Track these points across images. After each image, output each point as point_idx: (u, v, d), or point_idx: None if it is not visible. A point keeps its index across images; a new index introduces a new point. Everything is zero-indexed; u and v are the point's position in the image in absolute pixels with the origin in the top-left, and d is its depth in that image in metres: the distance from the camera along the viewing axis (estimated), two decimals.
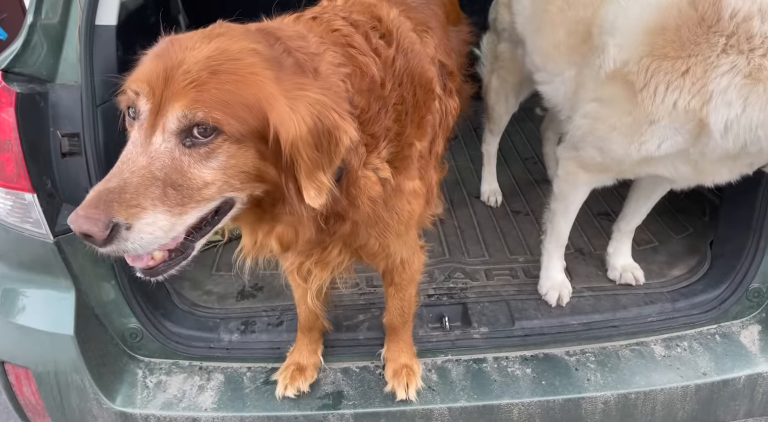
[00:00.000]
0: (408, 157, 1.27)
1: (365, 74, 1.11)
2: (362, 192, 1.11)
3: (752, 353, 1.62)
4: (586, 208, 2.31)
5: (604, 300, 1.82)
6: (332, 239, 1.20)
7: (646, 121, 1.41)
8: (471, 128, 2.91)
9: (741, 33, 1.26)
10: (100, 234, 0.85)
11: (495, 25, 2.21)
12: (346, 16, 1.22)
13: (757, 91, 1.26)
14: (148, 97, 0.92)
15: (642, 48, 1.39)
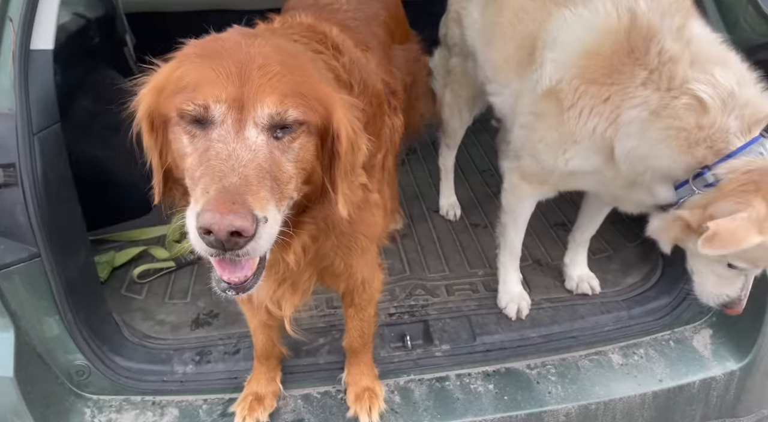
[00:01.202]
0: (372, 167, 1.28)
1: (340, 78, 1.11)
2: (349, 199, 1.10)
3: (705, 357, 1.66)
4: (543, 218, 2.36)
5: (562, 310, 1.84)
6: (305, 261, 1.18)
7: (570, 139, 1.47)
8: (429, 142, 2.92)
9: (664, 71, 1.32)
10: (250, 229, 0.80)
11: (446, 40, 2.24)
12: (294, 32, 1.21)
13: (654, 127, 1.34)
14: (225, 100, 0.87)
15: (575, 69, 1.44)
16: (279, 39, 1.01)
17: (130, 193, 2.11)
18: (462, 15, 2.04)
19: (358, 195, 1.13)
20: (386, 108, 1.39)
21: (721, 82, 1.28)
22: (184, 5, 2.92)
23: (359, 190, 1.14)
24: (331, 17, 1.58)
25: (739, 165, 1.26)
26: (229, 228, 0.79)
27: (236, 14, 2.78)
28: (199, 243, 0.83)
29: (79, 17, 2.16)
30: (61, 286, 1.43)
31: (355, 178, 1.04)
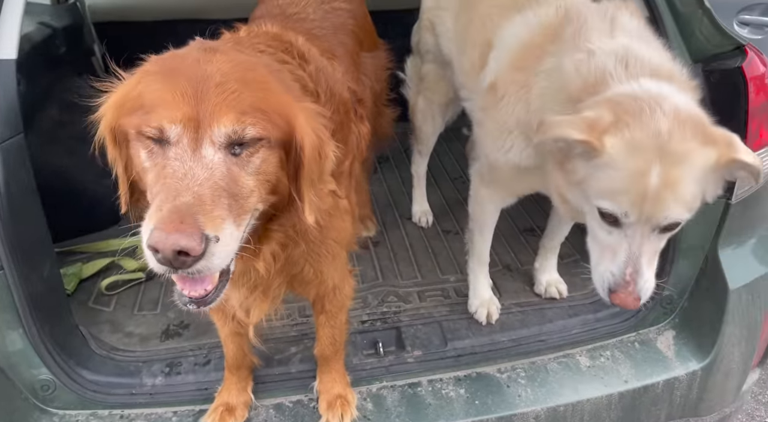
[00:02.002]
0: (341, 173, 1.29)
1: (306, 87, 1.12)
2: (321, 199, 1.10)
3: (668, 358, 1.71)
4: (512, 224, 2.40)
5: (531, 315, 1.88)
6: (275, 268, 1.18)
7: (505, 128, 1.51)
8: (401, 150, 2.95)
9: (576, 42, 1.35)
10: (198, 249, 0.80)
11: (418, 47, 2.27)
12: (259, 42, 1.22)
13: (550, 91, 1.36)
14: (181, 121, 0.88)
15: (509, 61, 1.50)
16: (240, 52, 1.01)
17: (99, 203, 2.09)
18: (435, 23, 2.08)
19: (327, 202, 1.14)
20: (353, 116, 1.40)
21: (618, 40, 1.32)
22: (153, 15, 2.91)
23: (328, 196, 1.15)
24: (297, 26, 1.60)
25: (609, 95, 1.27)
26: (174, 248, 0.80)
27: (205, 24, 2.77)
28: (152, 261, 0.84)
29: (44, 26, 2.14)
30: (24, 299, 1.40)
31: (324, 185, 1.05)
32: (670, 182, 1.15)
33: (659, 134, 1.16)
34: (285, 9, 1.72)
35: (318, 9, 1.75)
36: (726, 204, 1.67)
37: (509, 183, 1.71)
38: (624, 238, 1.23)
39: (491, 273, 2.01)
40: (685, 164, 1.16)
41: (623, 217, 1.20)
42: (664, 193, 1.16)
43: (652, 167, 1.15)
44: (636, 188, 1.17)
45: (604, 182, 1.20)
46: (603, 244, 1.28)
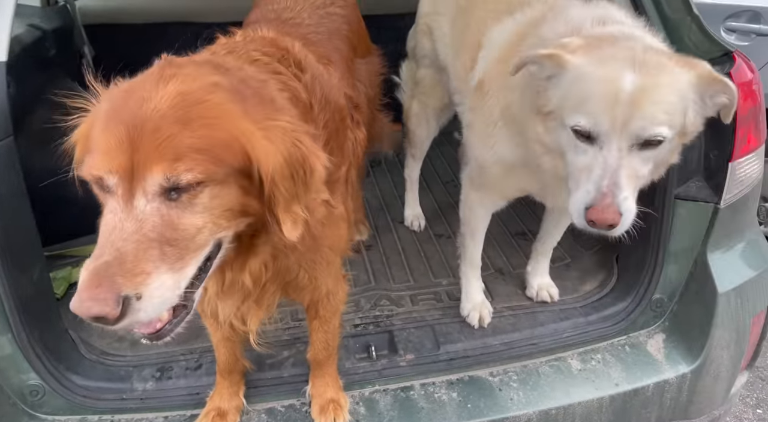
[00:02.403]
0: (336, 181, 1.28)
1: (299, 99, 1.11)
2: (312, 214, 1.09)
3: (658, 361, 1.72)
4: (504, 228, 2.41)
5: (523, 318, 1.88)
6: (266, 278, 1.17)
7: (491, 123, 1.53)
8: (393, 154, 2.96)
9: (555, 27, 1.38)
10: (112, 314, 0.80)
11: (414, 52, 2.28)
12: (254, 49, 1.22)
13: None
14: (116, 171, 0.86)
15: (495, 56, 1.52)
16: (205, 73, 0.96)
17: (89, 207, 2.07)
18: (433, 28, 2.10)
19: (320, 211, 1.13)
20: (349, 122, 1.40)
21: (597, 11, 1.38)
22: (144, 17, 2.89)
23: (321, 206, 1.14)
24: (293, 31, 1.60)
25: None
26: (89, 315, 0.81)
27: (197, 27, 2.79)
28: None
29: (34, 29, 2.12)
30: (13, 304, 1.39)
31: (313, 197, 1.03)
32: (646, 87, 1.12)
33: (632, 50, 1.15)
34: (280, 13, 1.72)
35: (313, 14, 1.75)
36: (715, 208, 1.69)
37: (498, 184, 1.72)
38: (599, 153, 1.16)
39: (483, 276, 2.02)
40: (662, 74, 1.14)
41: (595, 128, 1.15)
42: (640, 96, 1.12)
43: (624, 74, 1.12)
44: (607, 93, 1.13)
45: (574, 96, 1.17)
46: (580, 168, 1.19)
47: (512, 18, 1.57)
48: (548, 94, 1.25)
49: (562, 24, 1.38)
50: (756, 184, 1.76)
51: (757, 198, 1.84)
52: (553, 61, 1.21)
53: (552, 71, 1.22)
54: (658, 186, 1.75)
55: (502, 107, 1.50)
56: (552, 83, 1.24)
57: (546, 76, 1.25)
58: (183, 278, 0.89)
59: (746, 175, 1.71)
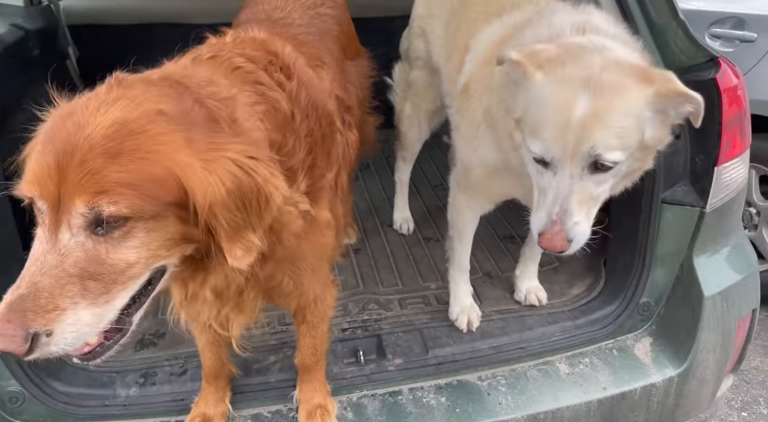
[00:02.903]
0: (321, 188, 1.26)
1: (278, 110, 1.09)
2: (285, 227, 1.07)
3: (645, 365, 1.73)
4: (492, 232, 2.42)
5: (511, 322, 1.88)
6: (249, 283, 1.15)
7: (474, 124, 1.53)
8: (383, 157, 2.95)
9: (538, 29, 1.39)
10: (20, 350, 0.80)
11: (407, 54, 2.28)
12: (242, 52, 1.19)
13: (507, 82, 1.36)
14: (44, 198, 0.85)
15: (481, 59, 1.53)
16: (153, 99, 0.91)
17: None
18: (427, 31, 2.09)
19: (297, 224, 1.10)
20: (338, 126, 1.38)
21: (580, 16, 1.38)
22: (129, 18, 2.86)
23: (299, 219, 1.11)
24: (284, 32, 1.58)
25: None
26: None
27: (183, 28, 2.76)
28: None
29: (17, 28, 2.08)
30: None
31: (294, 208, 1.00)
32: (598, 112, 1.13)
33: (591, 69, 1.16)
34: (271, 14, 1.71)
35: (304, 14, 1.74)
36: (700, 212, 1.70)
37: (483, 187, 1.72)
38: (553, 178, 1.19)
39: (472, 280, 2.01)
40: (616, 96, 1.15)
41: (547, 155, 1.17)
42: (591, 122, 1.13)
43: (578, 98, 1.13)
44: (559, 120, 1.15)
45: (532, 118, 1.19)
46: (540, 187, 1.24)
47: (500, 20, 1.57)
48: (516, 100, 1.26)
49: (545, 28, 1.38)
50: (741, 188, 1.78)
51: (742, 202, 1.85)
52: (520, 69, 1.21)
53: (519, 78, 1.22)
54: (645, 190, 1.76)
55: (485, 109, 1.50)
56: (520, 90, 1.23)
57: (514, 80, 1.25)
58: (109, 310, 0.88)
59: (732, 179, 1.72)
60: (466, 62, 1.61)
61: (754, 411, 2.54)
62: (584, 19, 1.37)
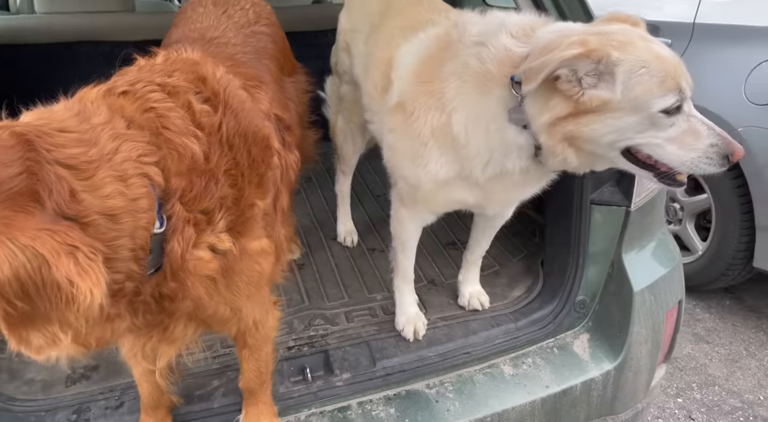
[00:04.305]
0: (251, 218, 1.22)
1: (183, 155, 1.03)
2: (192, 274, 1.04)
3: (584, 360, 1.80)
4: (436, 239, 2.45)
5: (456, 328, 1.91)
6: (172, 319, 1.11)
7: (419, 142, 1.55)
8: (324, 170, 2.94)
9: (465, 41, 1.45)
10: None
11: (336, 68, 2.29)
12: (163, 82, 1.13)
13: (465, 87, 1.43)
14: None
15: (412, 78, 1.55)
16: None
17: None
18: (351, 45, 2.11)
19: (209, 267, 1.06)
20: (276, 148, 1.35)
21: (488, 18, 1.46)
22: (51, 37, 2.72)
23: (212, 262, 1.06)
24: (220, 52, 1.55)
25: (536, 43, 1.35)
26: None
27: (109, 46, 2.67)
28: None
29: None
30: None
31: (73, 329, 0.84)
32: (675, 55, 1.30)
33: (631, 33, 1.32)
34: (204, 33, 1.67)
35: (239, 33, 1.71)
36: (626, 211, 1.80)
37: (432, 201, 1.73)
38: (690, 117, 1.29)
39: (417, 288, 2.03)
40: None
41: (681, 94, 1.27)
42: (679, 61, 1.29)
43: (661, 47, 1.28)
44: (670, 64, 1.26)
45: (642, 81, 1.24)
46: (674, 139, 1.29)
47: (418, 37, 1.61)
48: (591, 96, 1.27)
49: (478, 49, 1.42)
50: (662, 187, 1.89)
51: (663, 199, 1.97)
52: (595, 57, 1.25)
53: (592, 71, 1.26)
54: (575, 192, 1.84)
55: (433, 128, 1.51)
56: (595, 81, 1.27)
57: (584, 78, 1.27)
58: None
59: None
60: (395, 80, 1.63)
61: (689, 397, 2.69)
62: (496, 21, 1.43)
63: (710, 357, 2.93)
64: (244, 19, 1.73)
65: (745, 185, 2.89)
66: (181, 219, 0.98)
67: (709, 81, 2.99)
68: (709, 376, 2.81)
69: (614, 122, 1.28)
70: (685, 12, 3.28)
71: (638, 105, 1.26)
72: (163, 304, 1.03)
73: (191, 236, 1.01)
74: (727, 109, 2.88)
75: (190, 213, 1.01)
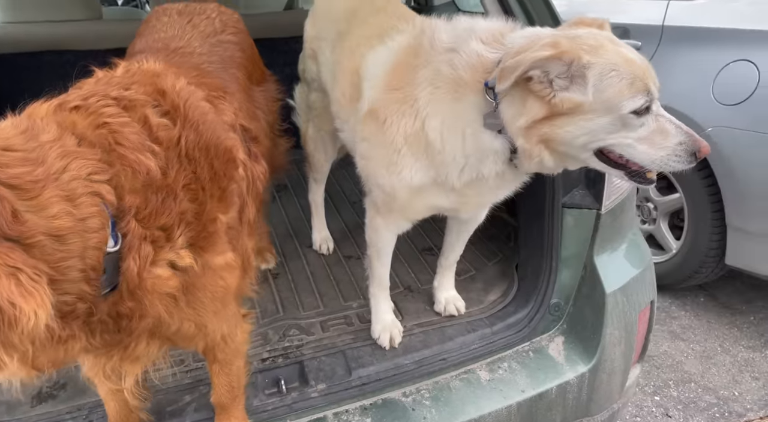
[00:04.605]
0: (213, 232, 1.19)
1: (138, 171, 1.00)
2: (150, 292, 1.01)
3: (559, 363, 1.80)
4: (412, 245, 2.45)
5: (432, 334, 1.90)
6: (132, 337, 1.08)
7: (393, 150, 1.55)
8: (300, 177, 2.92)
9: (433, 51, 1.46)
10: None
11: (305, 76, 2.28)
12: (119, 96, 1.10)
13: (438, 93, 1.44)
14: None
15: (383, 85, 1.55)
16: None
17: None
18: (317, 53, 2.10)
19: (168, 285, 1.04)
20: (241, 160, 1.33)
21: (457, 25, 1.47)
22: (12, 46, 2.65)
23: (169, 280, 1.03)
24: (185, 62, 1.52)
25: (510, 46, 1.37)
26: None
27: (73, 55, 2.61)
28: None
29: None
30: None
31: (19, 352, 0.82)
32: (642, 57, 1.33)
33: (600, 37, 1.34)
34: (168, 43, 1.64)
35: (204, 42, 1.69)
36: (597, 214, 1.81)
37: (408, 208, 1.72)
38: (659, 117, 1.32)
39: (393, 295, 2.02)
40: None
41: (649, 95, 1.29)
42: (647, 64, 1.32)
43: (630, 51, 1.30)
44: (638, 66, 1.28)
45: (613, 84, 1.27)
46: (644, 139, 1.32)
47: (385, 45, 1.61)
48: (563, 98, 1.29)
49: (450, 55, 1.42)
50: (632, 189, 1.91)
51: (633, 201, 1.99)
52: (566, 60, 1.26)
53: (562, 73, 1.28)
54: (547, 195, 1.86)
55: (406, 135, 1.51)
56: (565, 83, 1.28)
57: (555, 80, 1.29)
58: None
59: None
60: (365, 90, 1.62)
61: (666, 394, 2.72)
62: (465, 27, 1.45)
63: (686, 355, 2.97)
64: (210, 28, 1.71)
65: (715, 184, 2.94)
66: (137, 236, 0.95)
67: (678, 82, 3.05)
68: (685, 373, 2.84)
69: (587, 124, 1.31)
70: (654, 15, 3.34)
71: (610, 107, 1.29)
72: (121, 323, 1.00)
73: (149, 253, 0.98)
74: (696, 110, 2.93)
75: (147, 230, 0.98)
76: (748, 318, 3.24)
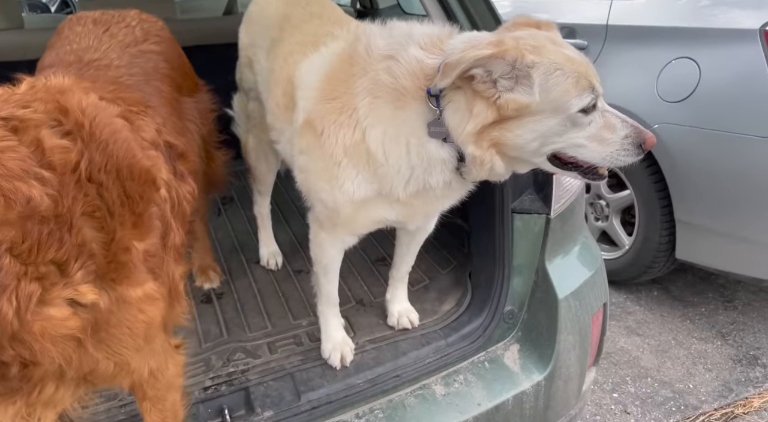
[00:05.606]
0: (127, 262, 1.07)
1: (12, 201, 0.89)
2: (42, 336, 0.90)
3: (515, 373, 1.76)
4: (364, 255, 2.37)
5: (385, 350, 1.83)
6: (32, 383, 0.96)
7: (333, 163, 1.48)
8: (247, 189, 2.81)
9: (373, 55, 1.41)
10: None
11: (242, 84, 2.18)
12: (9, 116, 0.97)
13: (378, 102, 1.39)
14: None
15: (317, 96, 1.48)
16: None
17: None
18: (253, 61, 2.01)
19: (69, 325, 0.93)
20: (162, 180, 1.21)
21: (394, 31, 1.42)
22: None
23: (68, 321, 0.93)
24: (100, 75, 1.41)
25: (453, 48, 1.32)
26: None
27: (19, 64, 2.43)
28: None
29: None
30: None
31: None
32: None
33: (540, 38, 1.32)
34: (82, 55, 1.52)
35: (123, 53, 1.57)
36: (546, 219, 1.78)
37: (353, 222, 1.65)
38: (605, 112, 1.31)
39: (344, 310, 1.95)
40: None
41: (594, 93, 1.27)
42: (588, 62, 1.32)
43: (572, 51, 1.30)
44: (581, 65, 1.27)
45: (559, 83, 1.24)
46: (594, 136, 1.31)
47: (319, 52, 1.53)
48: (507, 99, 1.26)
49: (389, 63, 1.36)
50: (579, 192, 1.89)
51: (582, 204, 1.97)
52: (511, 58, 1.23)
53: (506, 73, 1.24)
54: (496, 201, 1.81)
55: (345, 146, 1.44)
56: (522, 80, 1.25)
57: (498, 81, 1.25)
58: None
59: (570, 184, 1.82)
60: (299, 100, 1.54)
61: (624, 391, 2.74)
62: (403, 32, 1.39)
63: (642, 349, 3.01)
64: (130, 37, 1.59)
65: (663, 181, 2.98)
66: (12, 274, 0.84)
67: (624, 80, 3.08)
68: (641, 369, 2.87)
69: (536, 126, 1.28)
70: (599, 14, 3.37)
71: (557, 106, 1.26)
72: (9, 371, 0.89)
73: (32, 292, 0.87)
74: (642, 107, 2.97)
75: (29, 266, 0.87)
76: (700, 309, 3.31)
